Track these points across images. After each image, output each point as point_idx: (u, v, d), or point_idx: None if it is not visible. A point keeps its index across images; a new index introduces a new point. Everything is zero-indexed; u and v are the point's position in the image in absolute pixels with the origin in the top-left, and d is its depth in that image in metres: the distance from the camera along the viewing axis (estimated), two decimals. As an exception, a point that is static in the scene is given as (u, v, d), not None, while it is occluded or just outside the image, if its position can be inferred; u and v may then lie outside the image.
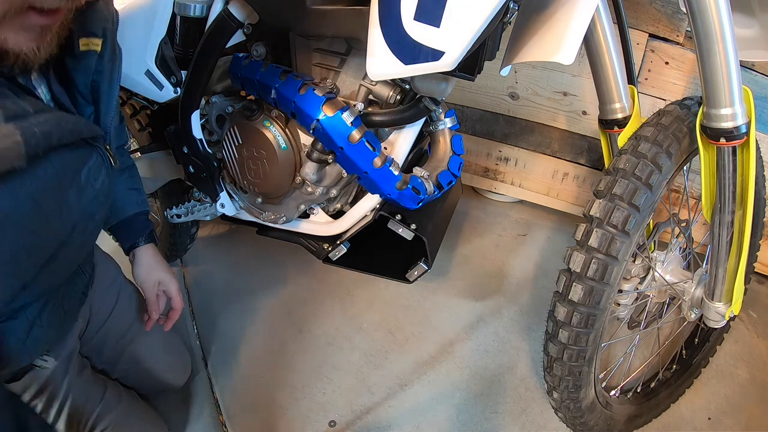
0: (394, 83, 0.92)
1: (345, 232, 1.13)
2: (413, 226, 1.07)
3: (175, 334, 1.22)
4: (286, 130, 1.01)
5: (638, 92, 0.97)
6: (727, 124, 0.79)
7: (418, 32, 0.72)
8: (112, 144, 0.76)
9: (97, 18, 0.68)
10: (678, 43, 1.29)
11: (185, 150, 1.11)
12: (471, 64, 0.76)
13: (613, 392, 1.14)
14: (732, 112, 0.78)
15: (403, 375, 1.27)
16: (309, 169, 1.00)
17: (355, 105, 0.94)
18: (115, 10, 0.74)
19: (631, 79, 1.01)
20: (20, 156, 0.51)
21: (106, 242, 1.08)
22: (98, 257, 1.02)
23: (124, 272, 1.08)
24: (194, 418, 1.17)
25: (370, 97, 0.95)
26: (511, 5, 0.73)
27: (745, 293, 0.97)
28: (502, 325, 1.39)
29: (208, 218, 1.23)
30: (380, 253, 1.21)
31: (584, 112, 1.48)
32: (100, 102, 0.72)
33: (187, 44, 1.04)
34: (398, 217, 1.07)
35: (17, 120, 0.52)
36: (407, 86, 0.91)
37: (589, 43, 0.90)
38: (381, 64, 0.77)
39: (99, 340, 1.02)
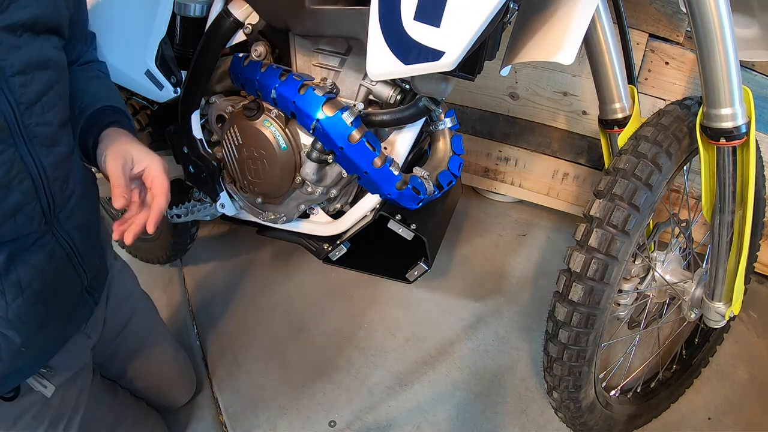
0: (394, 83, 0.92)
1: (345, 232, 1.13)
2: (413, 226, 1.07)
3: (183, 352, 1.20)
4: (286, 130, 1.01)
5: (638, 92, 0.97)
6: (727, 124, 0.79)
7: (418, 32, 0.72)
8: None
9: None
10: (678, 43, 1.29)
11: (185, 150, 1.11)
12: (471, 64, 0.76)
13: (613, 392, 1.15)
14: (732, 112, 0.78)
15: (403, 375, 1.27)
16: (309, 169, 1.00)
17: (355, 105, 0.94)
18: None
19: (631, 79, 1.01)
20: None
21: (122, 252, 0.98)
22: (116, 269, 0.96)
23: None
24: (194, 418, 1.18)
25: (370, 97, 0.95)
26: (511, 5, 0.73)
27: (745, 293, 0.97)
28: (502, 325, 1.39)
29: (208, 218, 1.24)
30: (380, 253, 1.21)
31: (584, 112, 1.48)
32: None
33: (187, 44, 1.04)
34: (398, 217, 1.07)
35: None
36: (407, 86, 0.91)
37: (589, 43, 0.90)
38: (381, 64, 0.77)
39: (108, 353, 0.98)
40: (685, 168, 0.97)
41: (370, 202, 1.06)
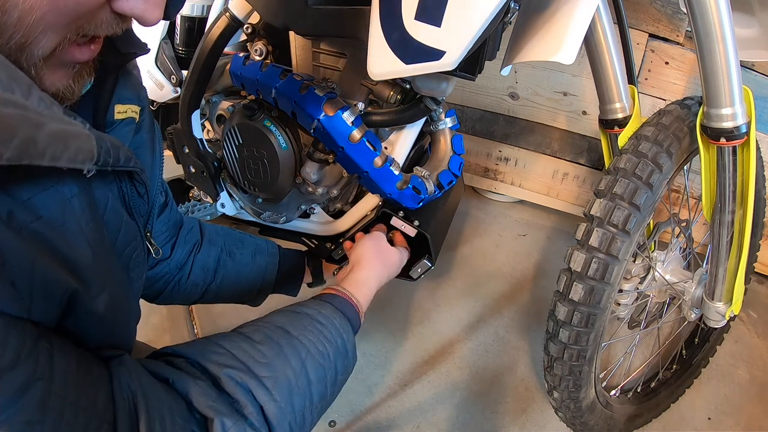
0: (394, 83, 0.92)
1: (346, 232, 1.13)
2: (416, 223, 1.07)
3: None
4: (287, 129, 1.01)
5: (638, 92, 0.97)
6: (728, 124, 0.79)
7: (419, 32, 0.72)
8: (152, 234, 0.65)
9: (133, 84, 0.60)
10: (678, 43, 1.29)
11: (185, 150, 1.11)
12: (472, 64, 0.76)
13: (613, 392, 1.15)
14: (732, 112, 0.78)
15: (403, 375, 1.27)
16: (310, 169, 1.00)
17: (355, 105, 0.94)
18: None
19: (631, 79, 1.01)
20: (91, 157, 0.42)
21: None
22: None
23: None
24: (194, 418, 1.17)
25: (371, 96, 0.95)
26: (512, 5, 0.73)
27: (745, 293, 0.97)
28: (502, 325, 1.39)
29: (208, 218, 1.23)
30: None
31: (584, 112, 1.48)
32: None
33: (188, 44, 1.04)
34: (401, 213, 1.07)
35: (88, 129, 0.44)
36: (408, 86, 0.91)
37: (589, 43, 0.90)
38: (382, 63, 0.77)
39: None
40: (685, 168, 0.97)
41: (370, 201, 1.06)
